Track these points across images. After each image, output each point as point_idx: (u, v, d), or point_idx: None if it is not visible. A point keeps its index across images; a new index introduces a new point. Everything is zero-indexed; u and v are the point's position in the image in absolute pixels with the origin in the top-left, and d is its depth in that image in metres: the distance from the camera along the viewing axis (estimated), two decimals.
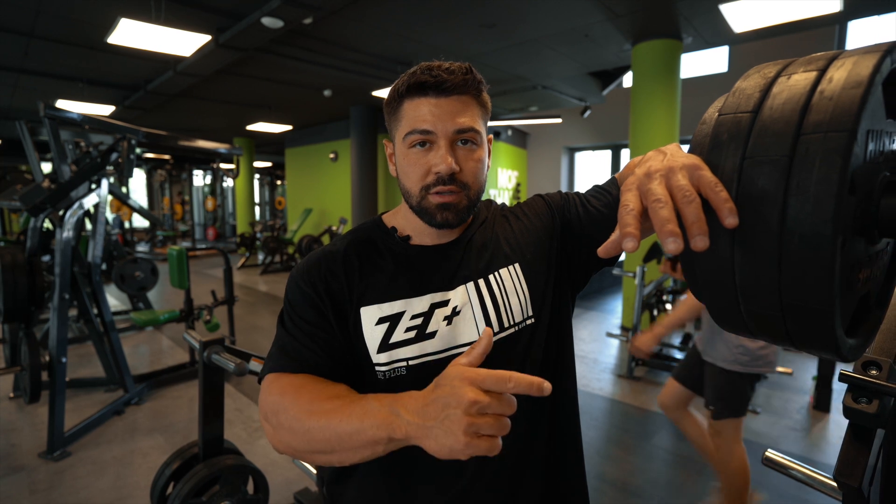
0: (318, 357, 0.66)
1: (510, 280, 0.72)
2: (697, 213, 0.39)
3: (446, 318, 0.68)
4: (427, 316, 0.68)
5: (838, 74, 0.38)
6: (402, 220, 0.76)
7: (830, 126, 0.36)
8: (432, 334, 0.67)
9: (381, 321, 0.68)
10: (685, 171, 0.42)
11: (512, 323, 0.70)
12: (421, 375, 0.66)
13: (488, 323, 0.69)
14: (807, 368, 3.73)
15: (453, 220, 0.69)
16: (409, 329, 0.67)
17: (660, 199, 0.41)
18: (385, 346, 0.66)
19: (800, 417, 2.97)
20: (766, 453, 0.84)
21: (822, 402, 3.04)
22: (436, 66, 0.66)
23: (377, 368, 0.67)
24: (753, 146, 0.40)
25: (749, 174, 0.39)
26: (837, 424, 2.86)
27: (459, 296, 0.70)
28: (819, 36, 6.02)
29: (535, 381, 0.46)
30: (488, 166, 0.75)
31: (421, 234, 0.74)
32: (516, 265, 0.73)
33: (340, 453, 0.55)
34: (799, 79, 0.40)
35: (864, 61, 0.37)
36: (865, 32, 6.20)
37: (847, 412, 0.67)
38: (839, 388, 3.11)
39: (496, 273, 0.72)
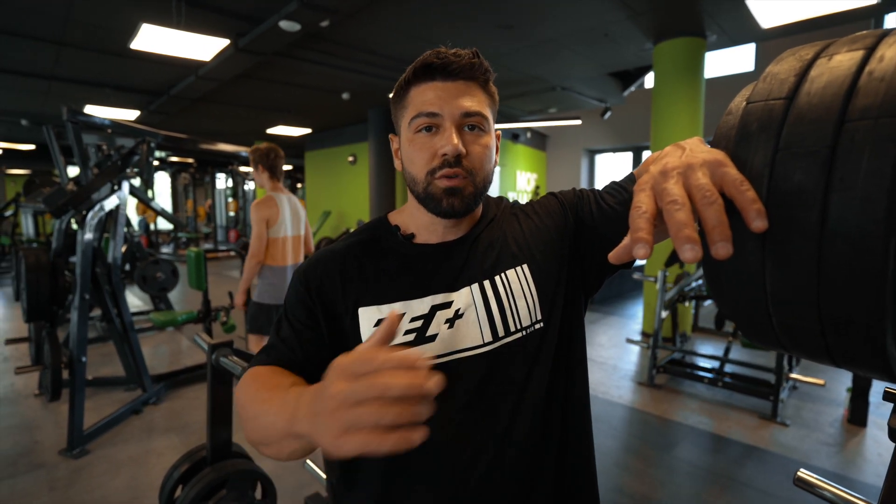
0: (295, 354, 0.65)
1: (518, 282, 0.68)
2: (719, 215, 0.34)
3: (448, 320, 0.65)
4: (427, 318, 0.65)
5: (891, 52, 0.33)
6: (407, 217, 0.74)
7: (882, 110, 0.31)
8: (433, 337, 0.64)
9: (379, 323, 0.65)
10: (706, 167, 0.37)
11: (519, 327, 0.66)
12: None
13: (493, 327, 0.65)
14: (840, 379, 3.55)
15: (459, 207, 0.66)
16: (408, 332, 0.65)
17: (676, 199, 0.36)
18: None
19: (833, 431, 2.82)
20: (798, 473, 0.77)
21: (857, 415, 2.88)
22: (443, 51, 0.65)
23: None
24: (788, 136, 0.35)
25: (783, 168, 0.34)
26: (875, 440, 2.70)
27: (463, 298, 0.67)
28: (854, 31, 5.79)
29: (408, 357, 0.37)
30: (496, 162, 0.71)
31: (425, 231, 0.71)
32: (524, 266, 0.69)
33: (271, 446, 0.52)
34: (842, 59, 0.35)
35: None
36: None
37: (894, 435, 0.60)
38: (877, 401, 2.94)
39: (503, 274, 0.68)
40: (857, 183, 0.31)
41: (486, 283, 0.67)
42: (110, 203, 2.91)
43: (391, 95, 0.71)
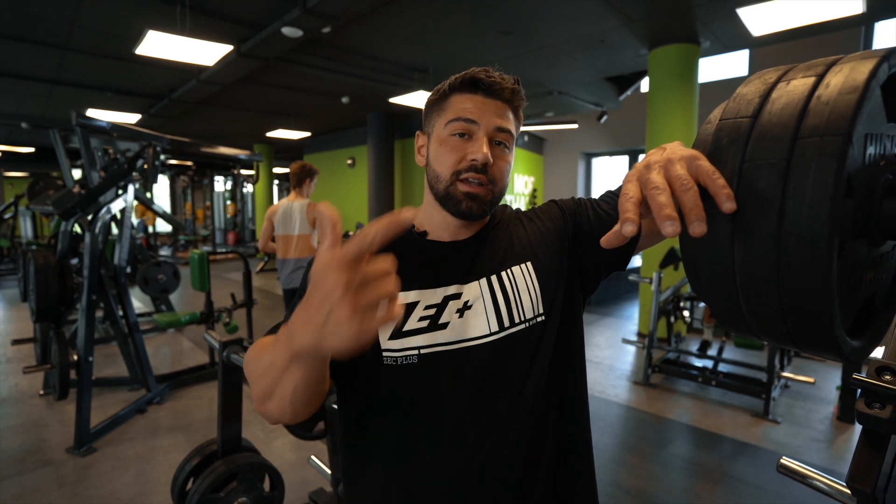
0: None
1: (522, 278, 0.74)
2: (695, 199, 0.40)
3: (458, 310, 0.71)
4: (440, 307, 0.71)
5: (835, 80, 0.39)
6: (421, 216, 0.79)
7: (826, 130, 0.37)
8: (444, 325, 0.70)
9: None
10: (683, 161, 0.43)
11: (522, 319, 0.72)
12: (432, 365, 0.69)
13: (499, 318, 0.71)
14: (830, 378, 3.63)
15: (476, 211, 0.72)
16: (422, 318, 0.70)
17: (657, 186, 0.42)
18: (398, 333, 0.69)
19: (823, 428, 2.89)
20: (781, 460, 0.83)
21: (846, 412, 2.96)
22: (491, 70, 0.72)
23: (386, 354, 0.69)
24: (752, 150, 0.40)
25: (748, 177, 0.40)
26: None
27: (472, 290, 0.72)
28: (844, 38, 5.87)
29: (390, 219, 0.39)
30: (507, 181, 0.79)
31: (438, 229, 0.77)
32: (528, 264, 0.75)
33: (275, 393, 0.54)
34: (797, 84, 0.41)
35: (861, 66, 0.38)
36: (894, 33, 6.03)
37: (860, 417, 0.66)
38: None
39: (509, 270, 0.74)
40: (807, 191, 0.37)
41: (494, 278, 0.73)
42: (116, 206, 2.96)
43: (429, 98, 0.77)
